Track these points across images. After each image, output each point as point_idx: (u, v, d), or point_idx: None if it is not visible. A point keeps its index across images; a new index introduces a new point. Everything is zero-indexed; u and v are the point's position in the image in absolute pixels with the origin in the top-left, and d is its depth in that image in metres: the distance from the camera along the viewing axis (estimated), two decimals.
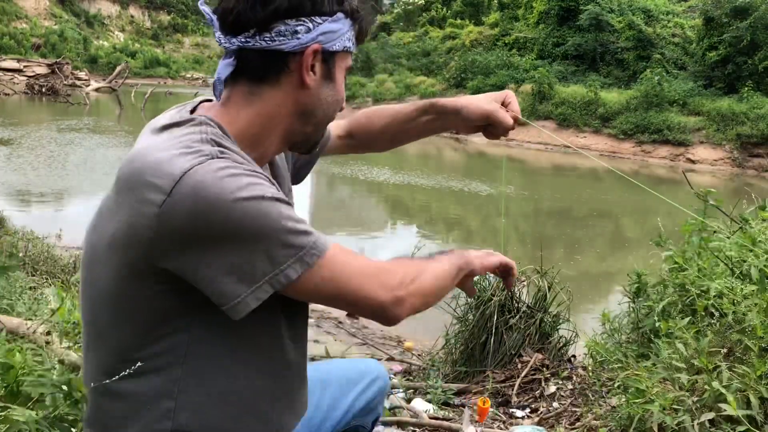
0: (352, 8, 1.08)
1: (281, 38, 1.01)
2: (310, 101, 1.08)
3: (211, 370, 1.02)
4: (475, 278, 4.23)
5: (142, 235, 0.93)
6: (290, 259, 0.95)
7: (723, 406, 1.56)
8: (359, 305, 1.04)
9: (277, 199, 0.95)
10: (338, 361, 1.60)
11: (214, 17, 1.04)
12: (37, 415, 1.27)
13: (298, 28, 1.02)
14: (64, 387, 1.40)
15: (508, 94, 1.43)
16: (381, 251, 8.74)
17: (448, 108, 1.41)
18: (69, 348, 1.94)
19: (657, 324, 2.18)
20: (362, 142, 1.55)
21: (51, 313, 2.03)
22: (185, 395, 1.01)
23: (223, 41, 1.03)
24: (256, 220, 0.92)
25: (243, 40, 1.01)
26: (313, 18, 1.03)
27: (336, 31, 1.06)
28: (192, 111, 1.10)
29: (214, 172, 0.92)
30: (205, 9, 1.07)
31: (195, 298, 0.97)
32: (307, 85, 1.06)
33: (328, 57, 1.07)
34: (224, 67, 1.04)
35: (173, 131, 1.00)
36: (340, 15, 1.06)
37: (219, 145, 0.98)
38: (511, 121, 1.39)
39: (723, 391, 1.55)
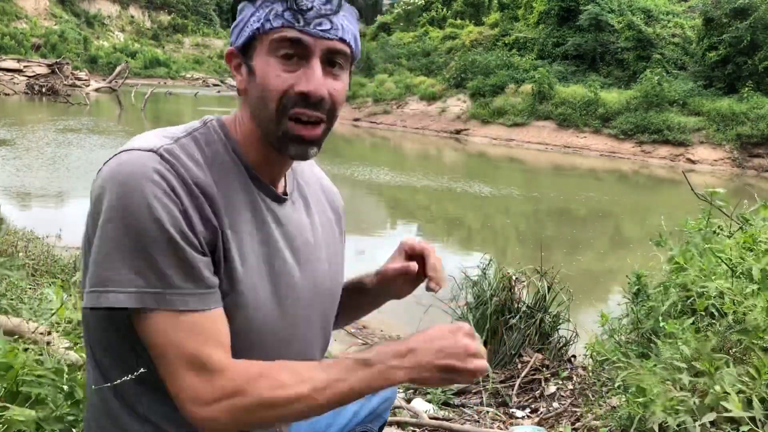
0: None
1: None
2: (250, 102, 1.04)
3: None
4: (475, 278, 4.20)
5: None
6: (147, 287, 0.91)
7: (727, 405, 1.56)
8: (172, 387, 0.94)
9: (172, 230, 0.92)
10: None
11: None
12: (37, 414, 1.27)
13: (233, 34, 1.05)
14: (65, 387, 1.40)
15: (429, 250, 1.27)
16: (381, 251, 8.74)
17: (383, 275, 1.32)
18: (70, 348, 1.94)
19: (661, 325, 2.17)
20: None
21: (51, 314, 2.02)
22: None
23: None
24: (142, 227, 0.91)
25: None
26: (236, 22, 1.03)
27: (239, 24, 1.02)
28: None
29: (136, 161, 0.94)
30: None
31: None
32: (241, 89, 1.05)
33: (244, 52, 1.02)
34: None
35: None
36: (241, 5, 1.02)
37: (181, 145, 1.01)
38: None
39: (729, 390, 1.55)
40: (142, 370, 0.98)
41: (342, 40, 1.00)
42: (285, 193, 1.13)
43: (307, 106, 0.99)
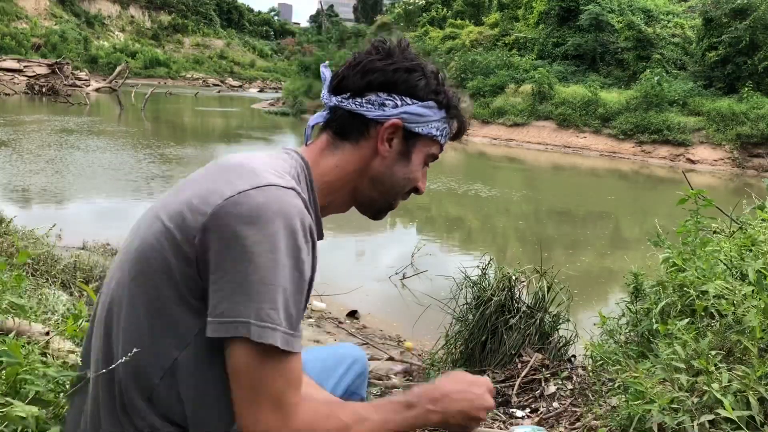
0: (449, 103, 1.21)
1: (369, 106, 1.16)
2: (381, 169, 1.19)
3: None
4: (474, 278, 4.20)
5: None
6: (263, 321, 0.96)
7: (720, 411, 1.56)
8: (246, 417, 1.00)
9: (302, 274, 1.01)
10: (316, 349, 1.62)
11: (328, 76, 1.21)
12: (40, 411, 1.27)
13: (387, 101, 1.16)
14: (66, 386, 1.40)
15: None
16: (381, 251, 8.74)
17: None
18: (71, 351, 1.95)
19: (655, 327, 2.18)
20: None
21: (62, 318, 2.03)
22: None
23: (325, 97, 1.20)
24: (274, 264, 0.96)
25: (339, 99, 1.18)
26: (403, 97, 1.17)
27: (423, 115, 1.18)
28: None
29: (286, 202, 1.00)
30: (325, 71, 1.23)
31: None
32: (380, 153, 1.18)
33: (409, 136, 1.19)
34: (317, 117, 1.23)
35: (278, 155, 1.17)
36: (431, 103, 1.19)
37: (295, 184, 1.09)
38: None
39: (719, 397, 1.56)
40: (135, 350, 1.03)
41: None
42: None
43: (408, 196, 1.27)
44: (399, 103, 1.16)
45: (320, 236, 1.17)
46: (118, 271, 1.11)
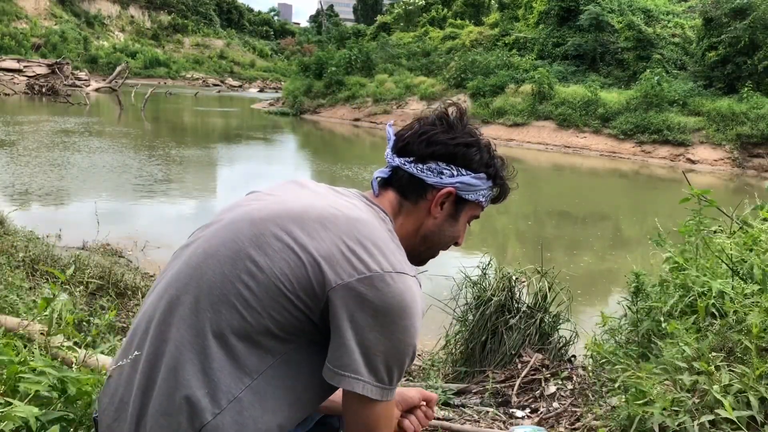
0: (496, 174, 1.37)
1: (429, 172, 1.31)
2: (432, 229, 1.36)
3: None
4: (474, 278, 4.20)
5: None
6: (381, 383, 1.16)
7: (720, 411, 1.56)
8: None
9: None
10: None
11: (393, 137, 1.37)
12: (40, 410, 1.27)
13: (445, 170, 1.32)
14: (70, 386, 1.40)
15: (434, 398, 1.58)
16: None
17: None
18: (71, 349, 1.94)
19: (663, 325, 2.17)
20: None
21: (50, 312, 2.02)
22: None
23: (389, 157, 1.36)
24: (403, 347, 1.17)
25: (402, 161, 1.33)
26: (459, 168, 1.32)
27: (473, 185, 1.34)
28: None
29: (415, 293, 1.20)
30: (390, 131, 1.39)
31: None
32: (432, 214, 1.34)
33: (459, 201, 1.35)
34: (381, 172, 1.37)
35: (373, 209, 1.30)
36: (482, 175, 1.34)
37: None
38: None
39: (719, 398, 1.55)
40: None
41: None
42: None
43: (448, 247, 1.43)
44: (455, 173, 1.32)
45: None
46: (216, 264, 1.16)
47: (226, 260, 1.15)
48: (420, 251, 1.39)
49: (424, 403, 1.55)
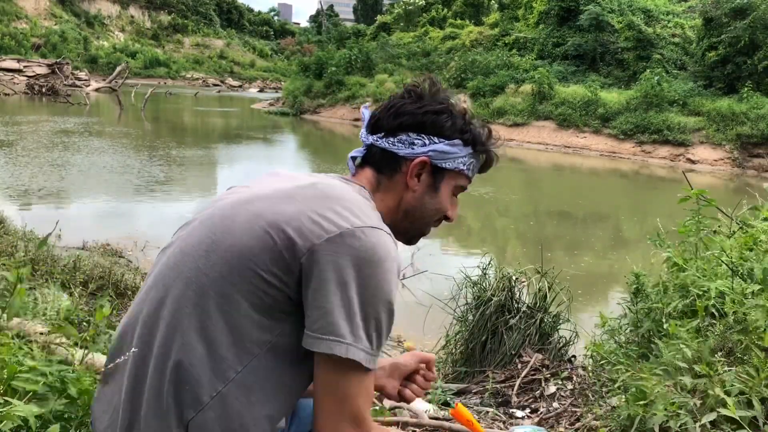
0: (474, 139, 1.33)
1: (400, 144, 1.29)
2: (413, 202, 1.31)
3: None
4: (474, 278, 4.19)
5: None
6: (358, 344, 1.08)
7: (723, 411, 1.55)
8: (325, 424, 1.11)
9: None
10: None
11: (367, 117, 1.35)
12: (39, 409, 1.27)
13: (416, 141, 1.29)
14: (70, 387, 1.40)
15: (431, 359, 1.51)
16: None
17: (380, 363, 1.50)
18: (71, 347, 1.94)
19: (665, 326, 2.17)
20: None
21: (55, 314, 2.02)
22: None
23: (363, 136, 1.34)
24: (380, 303, 1.10)
25: (375, 138, 1.31)
26: (430, 137, 1.29)
27: (448, 152, 1.30)
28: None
29: (390, 247, 1.14)
30: (365, 112, 1.37)
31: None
32: (410, 186, 1.30)
33: (436, 171, 1.31)
34: (356, 151, 1.35)
35: (351, 185, 1.26)
36: (456, 141, 1.31)
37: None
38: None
39: (723, 396, 1.55)
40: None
41: None
42: None
43: (440, 223, 1.38)
44: (427, 142, 1.29)
45: None
46: (191, 261, 1.15)
47: (200, 256, 1.13)
48: (405, 228, 1.34)
49: (423, 365, 1.49)
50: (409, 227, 1.34)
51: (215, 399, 1.08)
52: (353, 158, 1.35)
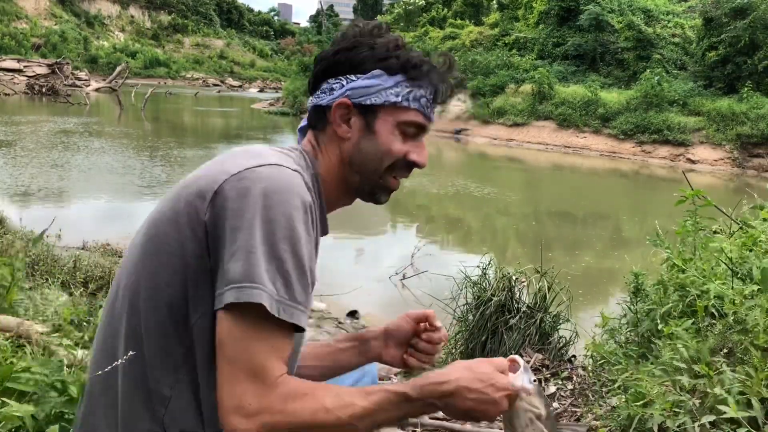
0: (404, 65, 1.16)
1: (323, 95, 1.18)
2: (350, 150, 1.17)
3: None
4: (474, 278, 4.18)
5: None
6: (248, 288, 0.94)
7: (724, 408, 1.56)
8: (222, 390, 0.96)
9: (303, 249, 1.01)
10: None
11: None
12: (36, 409, 1.27)
13: (335, 85, 1.16)
14: (68, 386, 1.40)
15: (430, 314, 1.32)
16: (381, 251, 8.74)
17: (372, 334, 1.38)
18: (72, 347, 1.94)
19: (660, 327, 2.17)
20: None
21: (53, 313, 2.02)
22: None
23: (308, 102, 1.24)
24: (281, 234, 0.98)
25: (310, 98, 1.21)
26: (348, 76, 1.15)
27: (370, 86, 1.15)
28: None
29: (288, 179, 1.03)
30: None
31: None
32: (343, 136, 1.17)
33: (365, 111, 1.15)
34: (304, 121, 1.26)
35: (283, 152, 1.15)
36: (377, 72, 1.15)
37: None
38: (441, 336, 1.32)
39: (725, 395, 1.55)
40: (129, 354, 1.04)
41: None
42: None
43: (408, 170, 1.20)
44: (345, 83, 1.15)
45: (324, 231, 1.20)
46: (128, 253, 1.12)
47: (136, 250, 1.09)
48: (357, 182, 1.19)
49: (424, 325, 1.31)
50: (360, 180, 1.19)
51: (175, 389, 1.04)
52: (301, 129, 1.26)
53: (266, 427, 0.94)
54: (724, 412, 1.55)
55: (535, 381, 1.10)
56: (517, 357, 1.10)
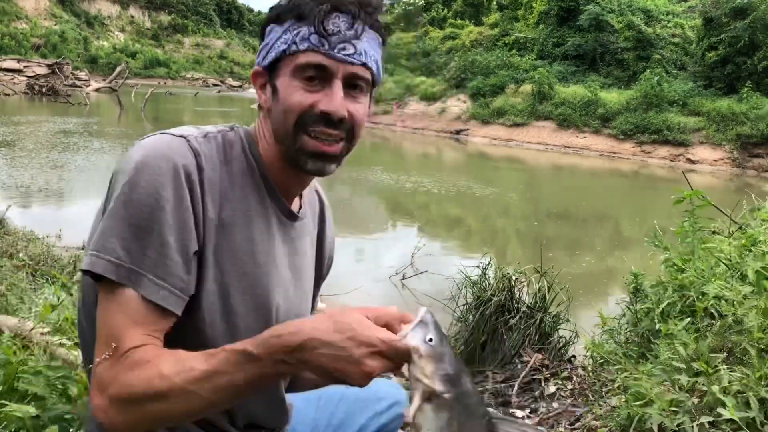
0: (286, 9, 1.01)
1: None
2: (272, 119, 1.06)
3: None
4: (474, 278, 4.20)
5: None
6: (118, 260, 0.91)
7: (723, 411, 1.56)
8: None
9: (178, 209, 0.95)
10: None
11: None
12: (37, 410, 1.27)
13: (258, 58, 1.08)
14: (63, 386, 1.40)
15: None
16: (381, 251, 8.74)
17: None
18: (71, 348, 1.94)
19: (657, 326, 2.18)
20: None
21: (49, 311, 2.03)
22: None
23: None
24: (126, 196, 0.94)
25: None
26: (263, 45, 1.06)
27: (267, 44, 1.04)
28: None
29: (159, 142, 0.98)
30: None
31: None
32: (261, 106, 1.07)
33: (270, 72, 1.04)
34: None
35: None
36: (269, 27, 1.04)
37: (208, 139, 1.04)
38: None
39: (721, 397, 1.55)
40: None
41: (364, 65, 1.03)
42: (298, 212, 1.15)
43: (328, 125, 1.01)
44: (263, 51, 1.06)
45: (285, 212, 1.12)
46: None
47: None
48: (283, 152, 1.05)
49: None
50: (280, 149, 1.06)
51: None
52: None
53: (114, 402, 0.88)
54: (722, 414, 1.55)
55: (432, 340, 0.82)
56: (422, 308, 0.87)
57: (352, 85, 1.03)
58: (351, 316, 0.86)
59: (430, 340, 0.82)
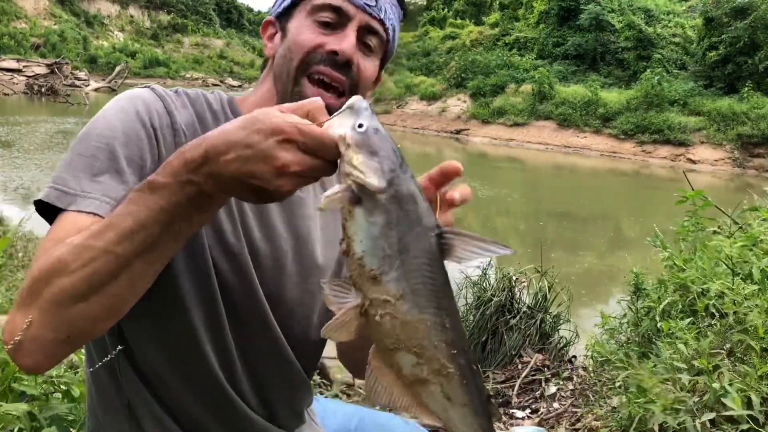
0: None
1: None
2: (274, 65, 1.02)
3: None
4: (474, 278, 4.18)
5: None
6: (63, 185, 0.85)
7: (726, 402, 1.55)
8: None
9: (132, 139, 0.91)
10: (389, 416, 1.36)
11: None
12: (31, 408, 1.26)
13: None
14: (62, 386, 1.40)
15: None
16: None
17: None
18: None
19: (659, 324, 2.17)
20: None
21: None
22: None
23: None
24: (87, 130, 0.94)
25: None
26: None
27: None
28: None
29: (133, 93, 0.98)
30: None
31: None
32: (267, 55, 1.04)
33: (283, 21, 1.02)
34: None
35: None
36: None
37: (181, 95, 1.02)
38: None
39: (728, 388, 1.55)
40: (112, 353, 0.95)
41: (382, 21, 0.99)
42: None
43: (333, 66, 0.95)
44: (278, 0, 1.06)
45: None
46: None
47: None
48: (287, 89, 0.98)
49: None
50: (283, 89, 0.99)
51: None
52: None
53: (19, 306, 0.77)
54: (725, 409, 1.55)
55: (363, 126, 0.67)
56: (356, 97, 0.71)
57: (365, 42, 0.99)
58: (259, 110, 0.72)
59: (360, 126, 0.66)
